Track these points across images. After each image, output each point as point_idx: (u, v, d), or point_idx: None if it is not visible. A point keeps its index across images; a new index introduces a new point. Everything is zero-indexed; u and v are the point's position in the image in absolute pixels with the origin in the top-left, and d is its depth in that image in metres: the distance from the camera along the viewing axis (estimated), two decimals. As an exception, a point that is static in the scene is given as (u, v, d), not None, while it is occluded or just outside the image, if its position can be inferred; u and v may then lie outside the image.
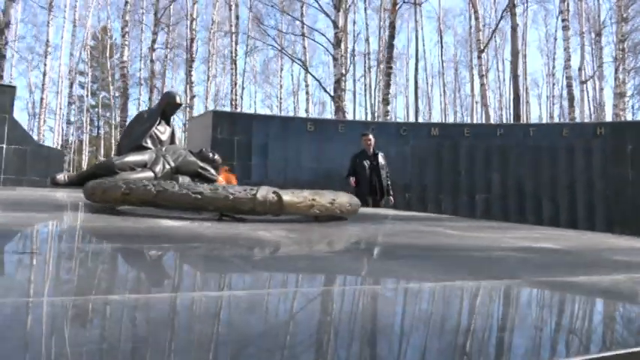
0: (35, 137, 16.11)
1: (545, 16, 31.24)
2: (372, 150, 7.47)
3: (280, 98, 31.90)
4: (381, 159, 7.54)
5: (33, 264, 1.37)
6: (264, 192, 2.38)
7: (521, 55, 30.08)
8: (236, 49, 18.52)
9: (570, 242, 2.52)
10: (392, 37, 15.89)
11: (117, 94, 25.68)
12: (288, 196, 2.45)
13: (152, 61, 17.31)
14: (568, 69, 18.57)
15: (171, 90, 11.47)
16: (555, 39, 28.93)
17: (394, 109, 33.86)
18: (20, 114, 33.07)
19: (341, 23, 15.83)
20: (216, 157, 9.33)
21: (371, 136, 7.62)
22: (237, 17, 17.97)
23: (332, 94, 15.80)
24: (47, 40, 20.95)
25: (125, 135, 9.03)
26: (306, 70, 16.10)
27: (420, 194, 11.33)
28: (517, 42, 16.93)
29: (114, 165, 7.63)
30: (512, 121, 17.94)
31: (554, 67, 30.81)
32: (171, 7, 17.01)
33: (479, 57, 15.53)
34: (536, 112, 37.39)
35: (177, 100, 8.94)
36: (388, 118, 16.02)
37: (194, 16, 16.04)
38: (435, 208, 11.24)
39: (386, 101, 15.99)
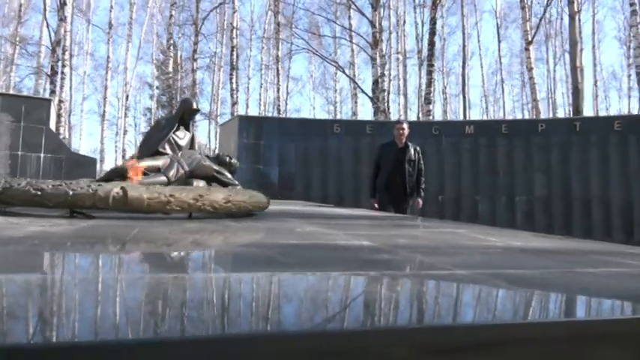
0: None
1: (622, 3, 28.79)
2: (403, 141, 6.07)
3: (335, 103, 31.85)
4: (412, 153, 6.07)
5: None
6: (109, 188, 2.23)
7: (594, 45, 27.95)
8: (277, 55, 18.67)
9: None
10: (433, 33, 15.27)
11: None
12: (136, 192, 2.28)
13: (194, 70, 17.90)
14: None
15: (188, 96, 11.66)
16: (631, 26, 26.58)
17: (456, 110, 32.71)
18: (93, 125, 35.18)
19: (378, 22, 15.45)
20: (233, 160, 9.33)
21: (405, 126, 6.17)
22: (278, 24, 18.16)
23: (371, 95, 15.43)
24: (108, 57, 22.40)
25: (144, 141, 9.23)
26: (343, 72, 15.89)
27: (455, 196, 10.71)
28: (575, 31, 15.67)
29: (126, 170, 7.86)
30: (572, 115, 16.61)
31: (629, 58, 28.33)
32: (212, 16, 17.52)
33: (526, 49, 14.50)
34: (617, 107, 34.32)
35: (194, 105, 8.97)
36: (430, 117, 15.40)
37: (234, 25, 16.40)
38: (471, 211, 10.58)
39: (427, 100, 15.39)
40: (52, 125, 10.11)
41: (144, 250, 1.73)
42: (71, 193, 2.17)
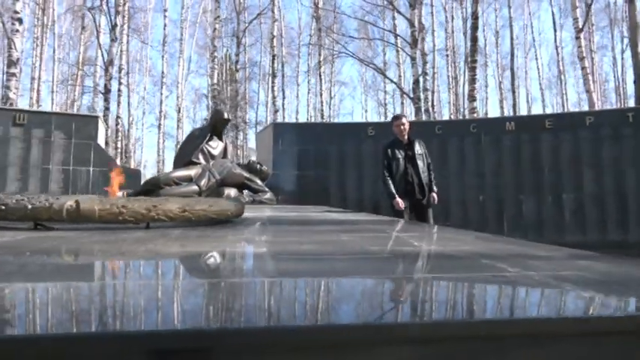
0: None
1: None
2: (406, 137, 5.67)
3: (386, 104, 31.56)
4: (417, 147, 5.66)
5: None
6: (63, 201, 2.34)
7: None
8: (320, 61, 18.80)
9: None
10: (475, 28, 14.77)
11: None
12: (88, 204, 2.38)
13: (236, 81, 18.40)
14: None
15: (220, 107, 11.97)
16: None
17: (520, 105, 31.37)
18: (154, 138, 36.92)
19: (417, 21, 15.16)
20: (264, 168, 9.53)
21: (404, 120, 5.76)
22: (319, 30, 18.29)
23: (411, 95, 15.16)
24: (162, 72, 23.62)
25: (179, 152, 9.67)
26: (382, 74, 15.68)
27: (497, 196, 10.27)
28: (635, 13, 14.57)
29: (159, 180, 8.22)
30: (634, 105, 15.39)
31: None
32: (251, 26, 17.86)
33: (577, 37, 13.62)
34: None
35: (225, 116, 9.35)
36: (475, 115, 14.87)
37: (274, 34, 16.72)
38: (515, 211, 10.11)
39: (471, 98, 14.88)
40: (101, 141, 10.75)
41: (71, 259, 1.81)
42: (30, 207, 2.31)
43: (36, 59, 20.70)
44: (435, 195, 5.72)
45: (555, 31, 26.84)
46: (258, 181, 8.92)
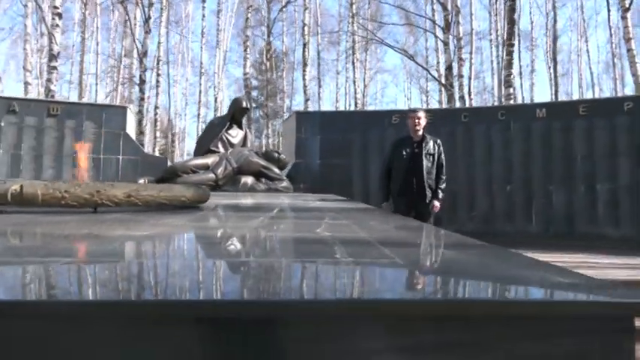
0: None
1: None
2: (419, 133, 5.10)
3: (427, 92, 30.86)
4: (430, 146, 5.06)
5: None
6: (7, 186, 2.41)
7: None
8: (353, 48, 18.53)
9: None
10: (512, 10, 14.12)
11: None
12: (31, 188, 2.44)
13: (266, 70, 18.44)
14: None
15: (239, 95, 12.03)
16: None
17: (567, 91, 29.90)
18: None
19: (451, 5, 14.67)
20: (282, 156, 9.55)
21: (420, 114, 5.19)
22: (352, 16, 18.00)
23: (443, 81, 14.73)
24: (201, 63, 24.12)
25: (199, 141, 9.84)
26: (413, 60, 15.27)
27: (525, 185, 9.84)
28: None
29: (176, 168, 8.40)
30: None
31: None
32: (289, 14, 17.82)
33: (623, 17, 12.72)
34: None
35: (244, 104, 9.41)
36: (511, 101, 14.27)
37: (305, 22, 16.62)
38: (544, 201, 9.66)
39: (508, 83, 14.28)
40: (131, 130, 11.11)
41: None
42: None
43: (84, 52, 21.67)
44: (436, 203, 5.00)
45: (609, 11, 25.23)
46: (276, 170, 8.95)
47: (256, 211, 3.69)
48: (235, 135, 9.37)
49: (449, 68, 14.28)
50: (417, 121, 5.19)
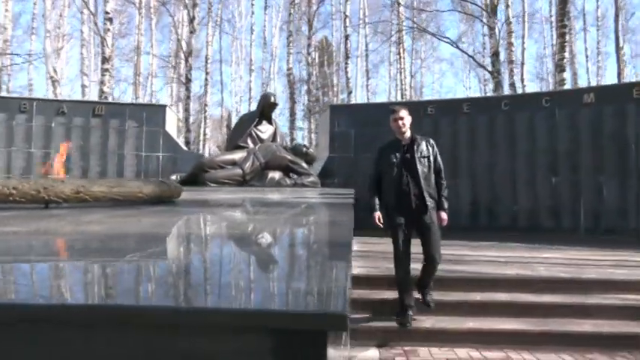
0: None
1: None
2: (406, 134, 4.32)
3: (485, 80, 29.57)
4: (422, 148, 4.29)
5: None
6: None
7: None
8: (399, 37, 18.00)
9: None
10: (564, -11, 13.14)
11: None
12: None
13: (309, 64, 18.34)
14: None
15: (267, 92, 12.01)
16: None
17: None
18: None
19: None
20: (310, 150, 9.48)
21: (403, 113, 4.33)
22: (397, 4, 17.47)
23: (490, 68, 14.01)
24: (251, 59, 24.54)
25: (229, 137, 9.97)
26: (457, 47, 14.58)
27: (572, 177, 9.14)
28: None
29: (204, 164, 8.56)
30: None
31: None
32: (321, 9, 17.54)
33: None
34: None
35: (272, 100, 9.44)
36: (565, 87, 13.32)
37: (347, 14, 16.35)
38: (593, 194, 8.91)
39: (560, 67, 13.35)
40: (171, 128, 11.46)
41: None
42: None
43: (139, 53, 22.69)
44: (444, 215, 4.25)
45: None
46: (303, 164, 8.90)
47: (204, 206, 3.64)
48: (265, 130, 9.42)
49: (495, 54, 13.53)
50: (400, 122, 4.30)
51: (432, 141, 4.43)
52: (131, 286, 1.10)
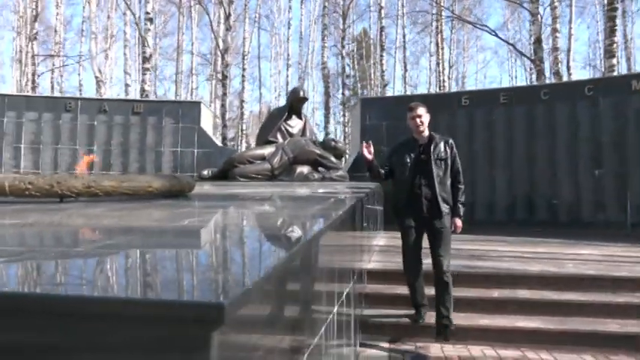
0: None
1: None
2: (423, 133, 3.99)
3: (531, 69, 28.44)
4: (440, 149, 3.95)
5: None
6: None
7: None
8: (438, 25, 17.52)
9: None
10: (613, -31, 12.40)
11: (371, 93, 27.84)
12: (8, 180, 2.65)
13: (343, 57, 18.18)
14: None
15: (296, 86, 11.97)
16: None
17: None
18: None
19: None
20: (339, 144, 9.42)
21: (421, 111, 4.00)
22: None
23: (532, 56, 13.45)
24: (288, 55, 24.67)
25: (259, 132, 10.02)
26: (496, 35, 13.97)
27: (618, 170, 8.65)
28: None
29: (234, 159, 8.68)
30: None
31: None
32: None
33: None
34: None
35: (301, 94, 9.44)
36: (614, 74, 12.59)
37: (382, 5, 16.06)
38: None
39: (609, 53, 12.63)
40: (207, 124, 11.70)
41: None
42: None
43: (179, 52, 23.34)
44: (458, 222, 3.91)
45: None
46: (332, 158, 8.87)
47: (223, 200, 3.67)
48: (294, 125, 9.45)
49: (538, 41, 12.96)
50: (418, 120, 3.96)
51: (451, 141, 4.07)
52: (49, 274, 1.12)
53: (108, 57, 23.46)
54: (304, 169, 8.70)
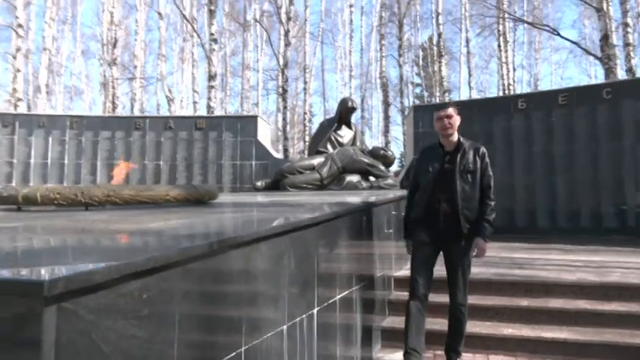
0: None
1: None
2: (452, 139, 3.54)
3: (610, 68, 26.59)
4: (470, 158, 3.44)
5: None
6: (24, 190, 3.00)
7: None
8: (499, 30, 16.85)
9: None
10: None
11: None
12: (32, 192, 2.99)
13: (400, 65, 17.97)
14: None
15: (345, 97, 12.01)
16: None
17: None
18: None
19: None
20: (388, 153, 9.40)
21: (450, 111, 3.58)
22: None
23: (599, 54, 12.66)
24: (350, 66, 24.94)
25: (310, 143, 10.23)
26: (558, 35, 13.16)
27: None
28: None
29: (284, 170, 8.95)
30: None
31: None
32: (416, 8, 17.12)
33: None
34: None
35: (350, 104, 9.56)
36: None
37: (439, 11, 15.77)
38: None
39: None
40: (264, 137, 12.16)
41: None
42: (5, 194, 3.11)
43: (243, 68, 24.37)
44: (482, 243, 3.33)
45: None
46: (381, 167, 8.88)
47: (235, 207, 3.86)
48: (344, 135, 9.59)
49: (605, 38, 12.17)
50: (446, 121, 3.51)
51: (482, 150, 3.51)
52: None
53: (183, 76, 25.10)
54: (353, 178, 8.79)
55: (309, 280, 2.42)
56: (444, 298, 3.36)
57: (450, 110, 3.58)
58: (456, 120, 3.55)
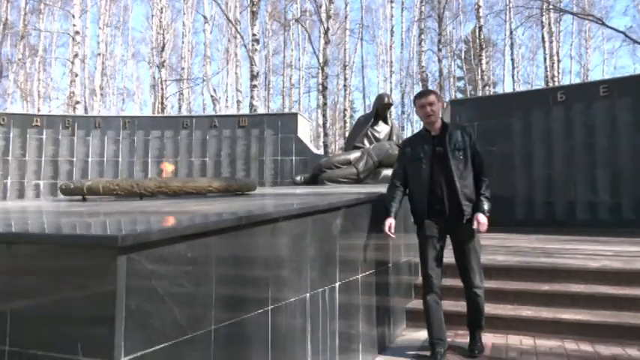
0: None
1: None
2: (436, 124, 3.53)
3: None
4: (459, 138, 3.46)
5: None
6: (85, 182, 3.46)
7: None
8: (542, 21, 16.44)
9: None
10: None
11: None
12: (96, 184, 3.45)
13: (440, 60, 17.86)
14: None
15: (382, 92, 12.14)
16: None
17: None
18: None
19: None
20: (423, 147, 9.50)
21: (431, 98, 3.52)
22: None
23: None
24: (391, 62, 24.99)
25: (347, 138, 10.47)
26: (606, 25, 12.67)
27: None
28: None
29: (322, 165, 9.28)
30: None
31: None
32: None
33: None
34: None
35: (386, 100, 9.76)
36: None
37: (480, 4, 15.54)
38: None
39: None
40: (304, 133, 12.55)
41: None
42: (72, 186, 3.59)
43: (285, 67, 24.92)
44: (482, 219, 3.34)
45: None
46: (416, 161, 9.03)
47: (282, 196, 4.19)
48: (380, 130, 9.81)
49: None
50: (429, 108, 3.48)
51: (468, 129, 3.59)
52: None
53: (228, 76, 25.95)
54: (389, 173, 8.99)
55: (332, 258, 2.74)
56: (460, 282, 3.58)
57: (432, 97, 3.54)
58: (438, 107, 3.54)
